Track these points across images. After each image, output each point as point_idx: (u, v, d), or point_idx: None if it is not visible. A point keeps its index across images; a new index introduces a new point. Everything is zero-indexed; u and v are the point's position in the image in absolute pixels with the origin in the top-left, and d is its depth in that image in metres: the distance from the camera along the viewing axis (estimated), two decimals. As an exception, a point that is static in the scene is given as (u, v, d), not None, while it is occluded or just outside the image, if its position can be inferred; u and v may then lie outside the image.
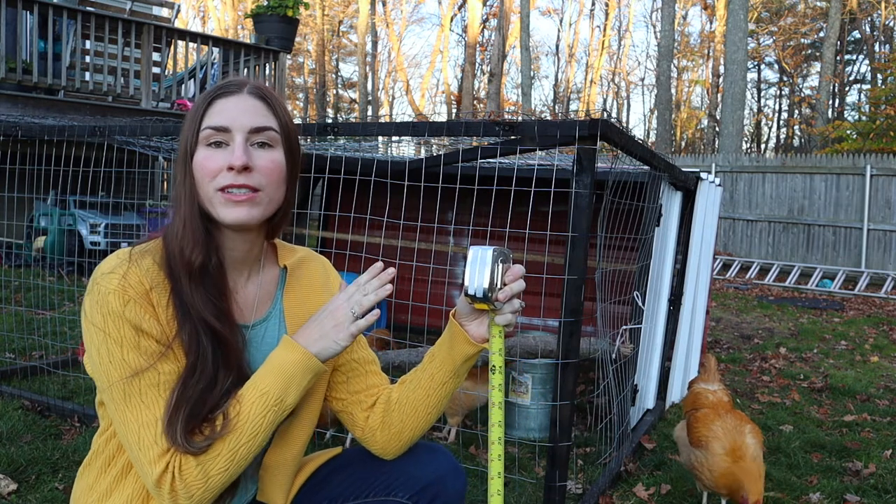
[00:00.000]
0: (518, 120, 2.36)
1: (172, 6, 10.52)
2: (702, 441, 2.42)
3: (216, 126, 1.17)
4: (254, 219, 1.19)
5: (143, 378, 1.11)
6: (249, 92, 1.20)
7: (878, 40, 24.51)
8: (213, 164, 1.16)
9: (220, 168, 1.16)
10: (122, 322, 1.11)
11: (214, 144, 1.17)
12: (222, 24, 30.18)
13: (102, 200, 7.75)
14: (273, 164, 1.19)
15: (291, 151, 1.24)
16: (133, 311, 1.12)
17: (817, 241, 11.32)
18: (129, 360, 1.11)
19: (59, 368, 3.77)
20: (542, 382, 3.38)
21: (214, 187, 1.16)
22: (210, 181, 1.16)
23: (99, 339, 1.12)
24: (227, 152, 1.16)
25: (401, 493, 1.32)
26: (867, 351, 5.83)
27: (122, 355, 1.11)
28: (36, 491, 2.49)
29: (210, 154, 1.17)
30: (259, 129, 1.18)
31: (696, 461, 2.43)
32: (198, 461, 1.10)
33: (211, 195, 1.17)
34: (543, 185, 2.87)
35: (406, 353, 2.94)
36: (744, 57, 14.50)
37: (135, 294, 1.13)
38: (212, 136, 1.17)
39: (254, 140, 1.18)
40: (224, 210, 1.17)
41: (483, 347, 1.28)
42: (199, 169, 1.17)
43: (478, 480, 2.72)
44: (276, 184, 1.21)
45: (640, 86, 36.32)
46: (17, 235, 7.89)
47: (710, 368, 2.82)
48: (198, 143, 1.18)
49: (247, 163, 1.15)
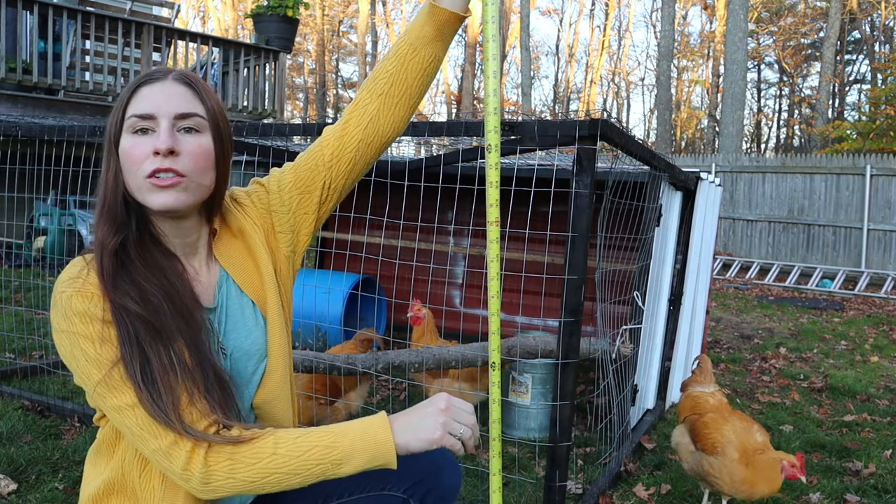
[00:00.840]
0: (518, 120, 2.35)
1: (172, 6, 10.52)
2: (717, 448, 2.36)
3: (141, 114, 1.17)
4: (182, 203, 1.18)
5: (119, 367, 1.11)
6: (175, 78, 1.21)
7: (878, 40, 24.50)
8: (139, 150, 1.16)
9: (147, 154, 1.15)
10: (89, 319, 1.12)
11: (140, 132, 1.17)
12: (222, 24, 30.18)
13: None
14: (200, 149, 1.19)
15: (220, 137, 1.23)
16: (97, 306, 1.13)
17: (817, 241, 11.32)
18: (104, 353, 1.11)
19: (59, 368, 3.77)
20: (542, 382, 3.38)
21: (143, 175, 1.15)
22: (137, 168, 1.16)
23: (71, 343, 1.13)
24: (153, 138, 1.16)
25: (395, 487, 1.32)
26: (867, 351, 5.83)
27: (95, 351, 1.11)
28: (36, 491, 2.50)
29: (136, 141, 1.17)
30: (185, 114, 1.18)
31: (709, 468, 2.37)
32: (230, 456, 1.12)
33: (140, 183, 1.16)
34: (543, 185, 2.87)
35: (406, 353, 2.94)
36: (744, 57, 14.50)
37: (96, 290, 1.14)
38: (137, 123, 1.16)
39: (180, 126, 1.18)
40: (151, 196, 1.16)
41: (468, 14, 1.31)
42: (126, 157, 1.17)
43: (478, 480, 2.73)
44: (204, 169, 1.20)
45: (640, 86, 36.34)
46: (17, 235, 7.89)
47: (706, 369, 2.75)
48: (122, 132, 1.18)
49: (172, 146, 1.15)
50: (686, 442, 2.53)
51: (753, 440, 2.36)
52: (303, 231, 1.38)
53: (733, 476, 2.32)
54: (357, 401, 3.07)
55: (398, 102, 1.34)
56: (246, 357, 1.28)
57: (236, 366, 1.28)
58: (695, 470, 2.48)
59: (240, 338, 1.28)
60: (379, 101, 1.33)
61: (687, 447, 2.52)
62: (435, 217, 3.49)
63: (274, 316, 1.31)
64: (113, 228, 1.17)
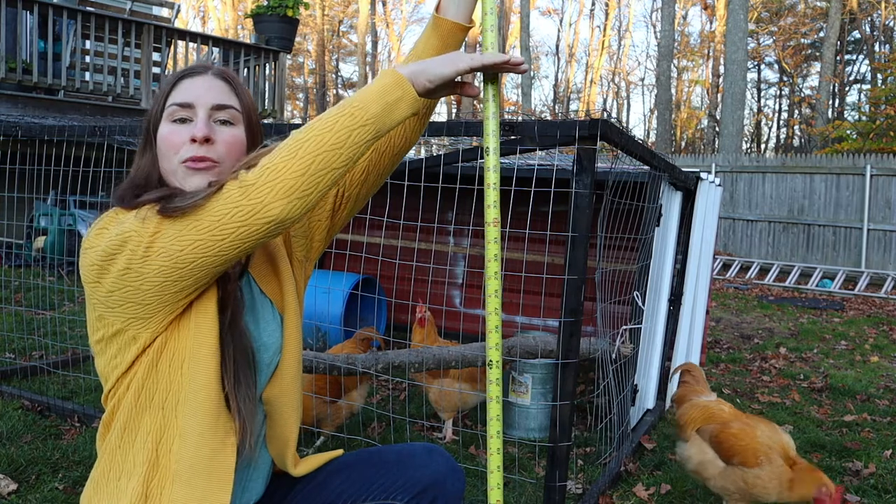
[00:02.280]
0: (518, 120, 2.35)
1: (172, 6, 10.52)
2: (759, 458, 2.23)
3: (180, 102, 1.23)
4: None
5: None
6: (214, 73, 1.28)
7: (878, 40, 24.50)
8: (177, 137, 1.22)
9: (184, 141, 1.22)
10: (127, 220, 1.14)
11: (179, 121, 1.23)
12: (222, 24, 30.18)
13: (102, 200, 7.72)
14: (233, 139, 1.25)
15: (252, 131, 1.29)
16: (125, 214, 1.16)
17: (817, 241, 11.32)
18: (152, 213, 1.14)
19: (59, 368, 3.77)
20: (542, 382, 3.38)
21: (178, 160, 1.22)
22: (174, 154, 1.22)
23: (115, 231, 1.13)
24: (191, 126, 1.22)
25: (399, 496, 1.32)
26: (867, 351, 5.83)
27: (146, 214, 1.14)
28: (36, 491, 2.50)
29: (174, 129, 1.23)
30: (221, 106, 1.25)
31: (755, 479, 2.23)
32: (268, 162, 1.09)
33: (175, 167, 1.22)
34: (543, 185, 2.87)
35: (406, 353, 2.93)
36: (744, 57, 14.50)
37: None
38: (176, 111, 1.23)
39: (216, 117, 1.25)
40: (186, 179, 1.22)
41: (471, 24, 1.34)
42: (164, 143, 1.23)
43: (477, 480, 2.73)
44: (236, 158, 1.25)
45: (640, 86, 36.35)
46: (17, 235, 7.89)
47: (700, 378, 2.67)
48: (162, 119, 1.24)
49: (208, 134, 1.21)
50: (711, 458, 2.35)
51: (785, 441, 2.29)
52: (316, 237, 1.42)
53: (784, 481, 2.21)
54: (358, 401, 3.07)
55: None
56: (263, 348, 1.30)
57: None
58: (728, 488, 2.31)
59: (258, 329, 1.30)
60: None
61: (713, 463, 2.34)
62: (435, 217, 3.50)
63: (291, 314, 1.34)
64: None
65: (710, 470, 2.36)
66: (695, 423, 2.46)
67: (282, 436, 1.34)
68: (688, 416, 2.51)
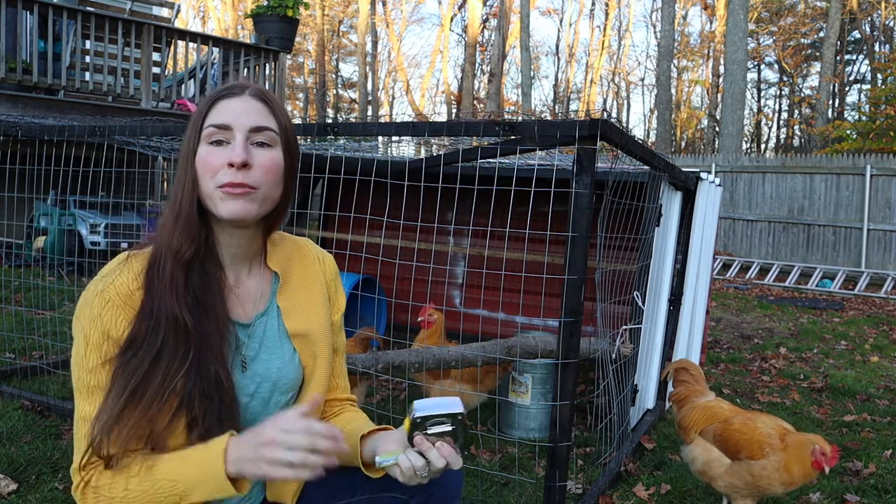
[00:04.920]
0: (518, 120, 2.36)
1: (172, 6, 10.51)
2: (764, 448, 2.25)
3: (218, 124, 1.21)
4: (250, 214, 1.22)
5: (94, 377, 1.17)
6: (251, 94, 1.25)
7: (878, 40, 24.49)
8: (214, 160, 1.20)
9: (221, 164, 1.20)
10: (96, 325, 1.17)
11: (216, 143, 1.21)
12: (222, 24, 30.17)
13: (102, 200, 7.74)
14: (271, 163, 1.23)
15: (290, 152, 1.28)
16: (108, 315, 1.17)
17: (817, 241, 11.32)
18: (89, 358, 1.17)
19: (59, 368, 3.77)
20: (542, 382, 3.38)
21: (215, 184, 1.20)
22: (211, 178, 1.20)
23: (76, 336, 1.19)
24: (228, 150, 1.20)
25: (397, 490, 1.32)
26: (867, 351, 5.83)
27: (85, 353, 1.18)
28: (36, 491, 2.50)
29: (212, 151, 1.21)
30: (259, 128, 1.23)
31: (761, 471, 2.24)
32: (111, 477, 1.16)
33: (211, 191, 1.21)
34: (543, 185, 2.87)
35: (406, 353, 2.94)
36: (744, 57, 14.49)
37: (116, 297, 1.18)
38: (214, 133, 1.21)
39: (254, 139, 1.22)
40: (223, 205, 1.20)
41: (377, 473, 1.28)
42: (202, 165, 1.21)
43: (477, 480, 2.73)
44: (274, 182, 1.24)
45: (640, 86, 36.31)
46: (17, 235, 7.89)
47: (699, 377, 2.66)
48: (200, 141, 1.22)
49: (246, 159, 1.19)
50: (716, 456, 2.35)
51: (785, 425, 2.33)
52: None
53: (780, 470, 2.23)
54: (358, 400, 3.07)
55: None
56: (267, 383, 1.30)
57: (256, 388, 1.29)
58: (736, 484, 2.31)
59: (268, 363, 1.30)
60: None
61: (719, 461, 2.34)
62: (435, 217, 3.49)
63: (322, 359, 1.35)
64: (190, 238, 1.21)
65: (717, 469, 2.36)
66: (697, 426, 2.46)
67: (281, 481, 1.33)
68: (689, 418, 2.50)
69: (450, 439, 1.18)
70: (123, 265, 1.22)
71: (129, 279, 1.19)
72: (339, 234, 4.80)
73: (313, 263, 1.41)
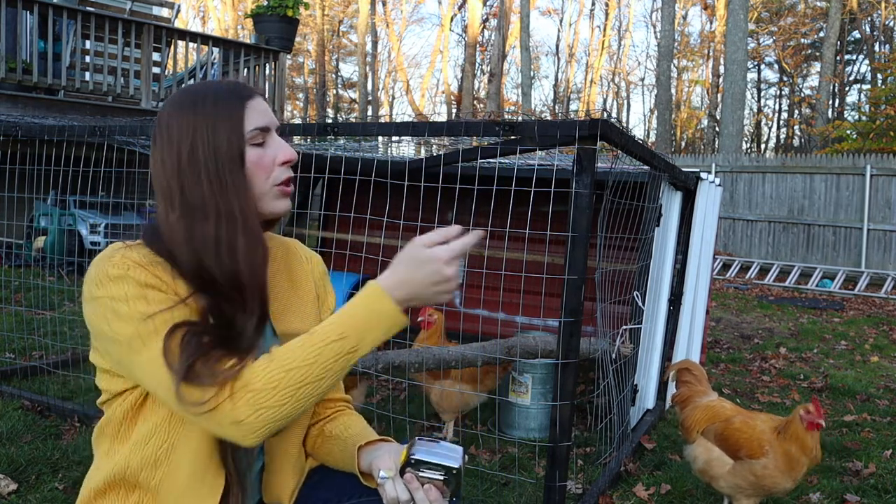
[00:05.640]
0: (518, 120, 2.36)
1: (172, 6, 10.51)
2: (763, 445, 2.26)
3: (262, 126, 1.24)
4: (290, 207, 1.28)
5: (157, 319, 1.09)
6: (260, 94, 1.29)
7: (878, 40, 24.49)
8: (266, 160, 1.23)
9: (272, 164, 1.23)
10: (125, 281, 1.11)
11: (257, 144, 1.24)
12: (222, 24, 30.18)
13: (102, 200, 7.75)
14: None
15: None
16: (136, 272, 1.12)
17: (817, 241, 11.32)
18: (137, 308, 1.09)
19: (59, 368, 3.77)
20: (542, 382, 3.38)
21: (272, 183, 1.23)
22: (266, 178, 1.23)
23: (104, 308, 1.11)
24: (271, 149, 1.24)
25: None
26: (867, 351, 5.83)
27: (129, 308, 1.09)
28: (36, 491, 2.50)
29: (261, 153, 1.23)
30: (278, 127, 1.29)
31: (763, 470, 2.24)
32: (251, 389, 1.05)
33: (266, 190, 1.23)
34: (543, 185, 2.87)
35: (406, 353, 2.94)
36: (744, 57, 14.50)
37: (137, 262, 1.13)
38: (257, 136, 1.23)
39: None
40: (277, 202, 1.25)
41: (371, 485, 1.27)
42: (256, 167, 1.22)
43: (477, 480, 2.73)
44: None
45: (640, 86, 36.33)
46: (17, 235, 7.89)
47: (702, 377, 2.66)
48: (247, 145, 1.22)
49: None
50: (717, 456, 2.36)
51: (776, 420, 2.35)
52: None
53: (779, 465, 2.23)
54: (357, 400, 3.07)
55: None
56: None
57: None
58: (740, 484, 2.31)
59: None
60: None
61: (720, 461, 2.34)
62: (435, 217, 3.48)
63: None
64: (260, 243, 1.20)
65: (717, 468, 2.36)
66: (699, 426, 2.46)
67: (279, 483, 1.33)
68: (692, 418, 2.50)
69: (441, 483, 1.15)
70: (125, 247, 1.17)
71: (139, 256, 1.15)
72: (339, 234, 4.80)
73: (301, 263, 1.41)
